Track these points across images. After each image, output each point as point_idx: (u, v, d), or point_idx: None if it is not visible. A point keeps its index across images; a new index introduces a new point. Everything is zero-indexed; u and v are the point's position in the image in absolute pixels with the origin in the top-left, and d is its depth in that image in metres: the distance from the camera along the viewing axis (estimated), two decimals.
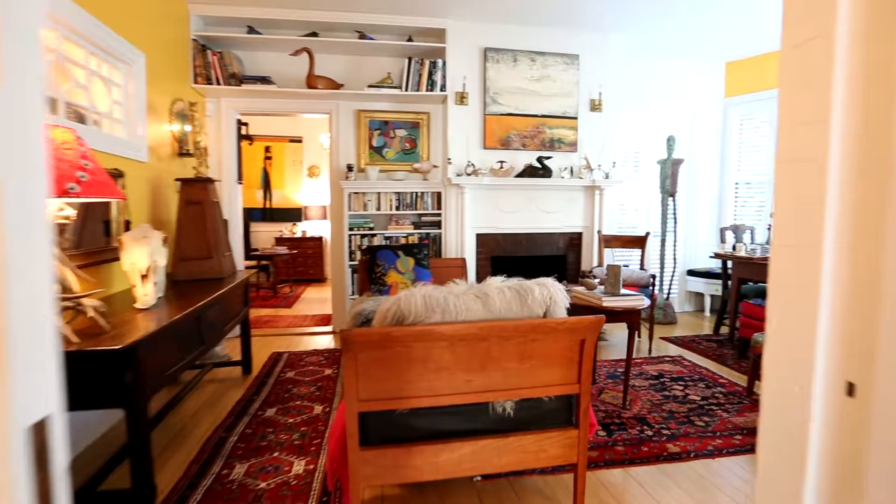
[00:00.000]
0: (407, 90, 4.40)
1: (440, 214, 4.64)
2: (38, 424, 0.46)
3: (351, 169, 4.50)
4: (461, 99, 4.50)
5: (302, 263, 7.76)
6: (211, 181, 3.29)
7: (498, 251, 4.71)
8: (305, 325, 5.04)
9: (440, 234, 4.65)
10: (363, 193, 4.51)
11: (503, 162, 4.54)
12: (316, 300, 6.45)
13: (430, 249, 4.58)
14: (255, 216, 7.93)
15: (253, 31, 4.19)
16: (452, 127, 4.53)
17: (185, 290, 2.72)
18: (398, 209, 4.58)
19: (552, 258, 4.84)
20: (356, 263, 4.46)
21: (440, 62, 4.43)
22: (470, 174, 4.43)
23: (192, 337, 2.34)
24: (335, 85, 4.35)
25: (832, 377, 0.66)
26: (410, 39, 4.44)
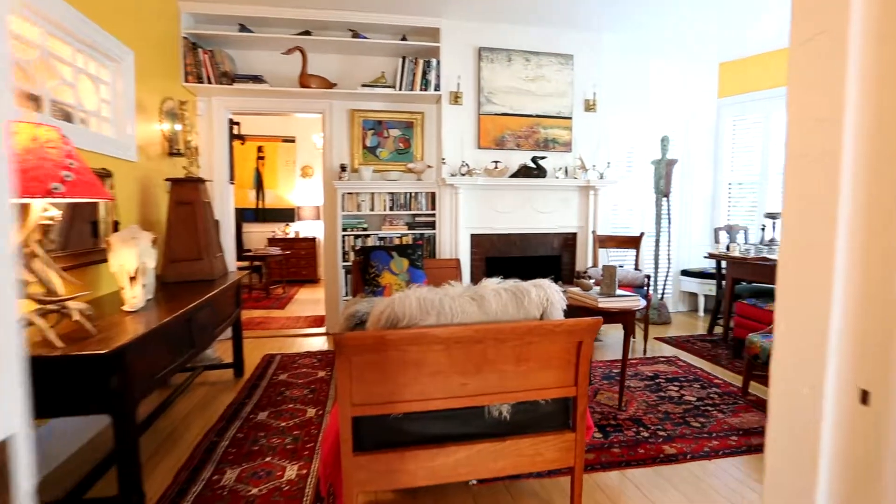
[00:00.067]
0: (401, 90, 4.37)
1: (434, 215, 4.61)
2: None
3: (344, 169, 4.46)
4: (455, 99, 4.48)
5: (295, 264, 7.70)
6: (202, 181, 3.24)
7: (492, 252, 4.69)
8: (298, 326, 4.99)
9: (434, 234, 4.63)
10: (357, 194, 4.48)
11: (497, 162, 4.52)
12: (309, 301, 6.40)
13: (424, 250, 4.54)
14: (247, 216, 7.86)
15: (245, 29, 4.14)
16: (446, 127, 4.50)
17: (175, 291, 2.67)
18: (392, 209, 4.55)
19: (547, 259, 4.83)
20: (350, 264, 4.42)
21: (434, 61, 4.41)
22: (464, 174, 4.40)
23: (182, 340, 2.29)
24: (328, 84, 4.31)
25: (844, 381, 0.64)
26: (404, 38, 4.41)
